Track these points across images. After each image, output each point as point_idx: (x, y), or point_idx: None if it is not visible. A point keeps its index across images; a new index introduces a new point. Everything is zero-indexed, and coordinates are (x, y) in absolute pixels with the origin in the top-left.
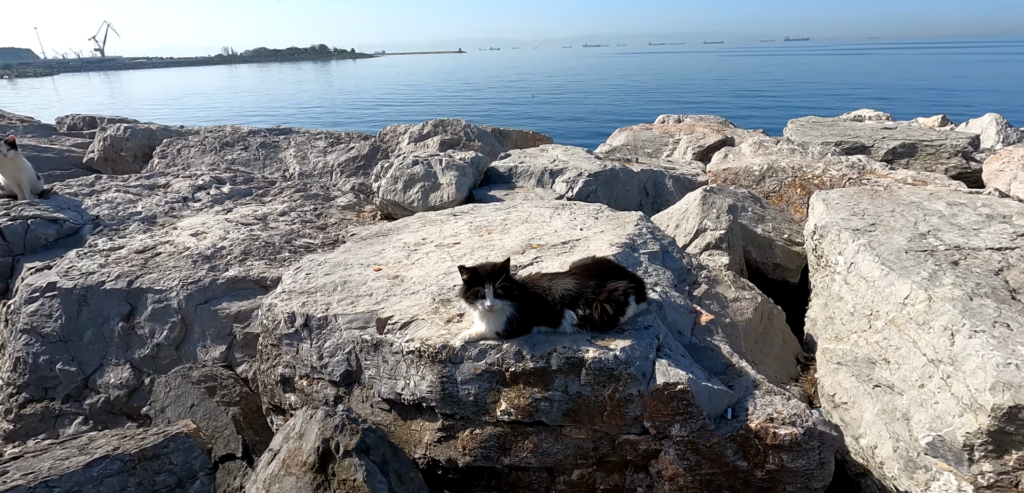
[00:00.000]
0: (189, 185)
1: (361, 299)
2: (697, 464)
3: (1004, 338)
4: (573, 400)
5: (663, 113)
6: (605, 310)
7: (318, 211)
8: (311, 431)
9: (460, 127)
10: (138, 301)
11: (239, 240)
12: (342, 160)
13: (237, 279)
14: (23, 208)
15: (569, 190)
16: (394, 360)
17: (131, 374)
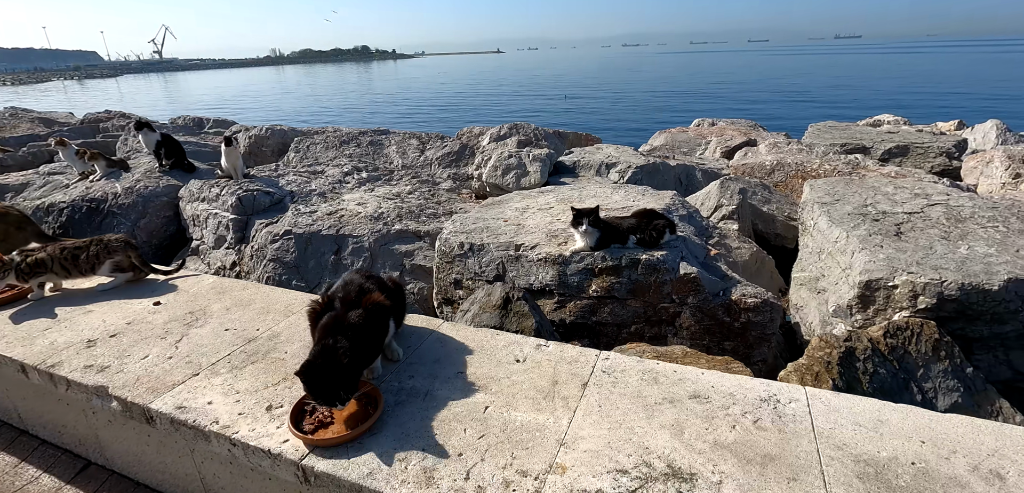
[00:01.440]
0: (339, 172)
1: (500, 235)
2: (701, 319)
3: (876, 253)
4: (633, 283)
5: (698, 117)
6: (652, 235)
7: (431, 192)
8: (497, 291)
9: (530, 130)
10: (342, 242)
11: (390, 208)
12: (439, 155)
13: (402, 231)
14: (246, 185)
15: (621, 178)
16: (528, 265)
17: None
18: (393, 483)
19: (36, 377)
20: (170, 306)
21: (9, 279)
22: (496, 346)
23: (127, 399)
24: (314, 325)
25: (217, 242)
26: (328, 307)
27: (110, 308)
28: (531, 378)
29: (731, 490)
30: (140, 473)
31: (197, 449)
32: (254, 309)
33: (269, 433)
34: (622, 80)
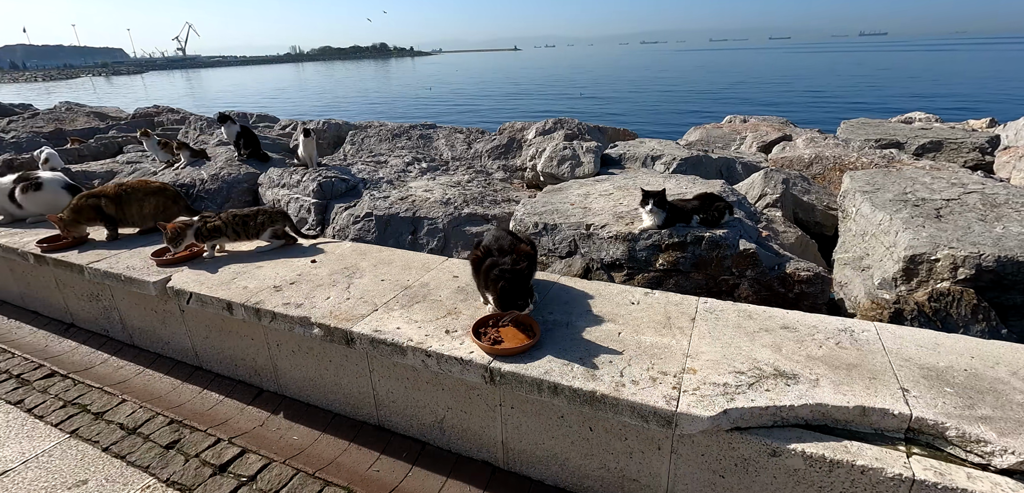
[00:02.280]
0: (402, 163)
1: (570, 217)
2: (759, 290)
3: (918, 232)
4: (697, 258)
5: (725, 114)
6: (714, 215)
7: (487, 181)
8: (577, 263)
9: (574, 124)
10: (418, 224)
11: (456, 195)
12: (488, 148)
13: (471, 214)
14: (324, 172)
15: (666, 170)
16: (599, 241)
17: None
18: (567, 377)
19: (241, 313)
20: (325, 263)
21: (189, 239)
22: (611, 293)
23: (330, 326)
24: (478, 269)
25: (298, 224)
26: (486, 256)
27: (278, 264)
28: (648, 314)
29: (826, 384)
30: (313, 396)
31: (378, 368)
32: (396, 266)
33: (454, 348)
34: (644, 77)
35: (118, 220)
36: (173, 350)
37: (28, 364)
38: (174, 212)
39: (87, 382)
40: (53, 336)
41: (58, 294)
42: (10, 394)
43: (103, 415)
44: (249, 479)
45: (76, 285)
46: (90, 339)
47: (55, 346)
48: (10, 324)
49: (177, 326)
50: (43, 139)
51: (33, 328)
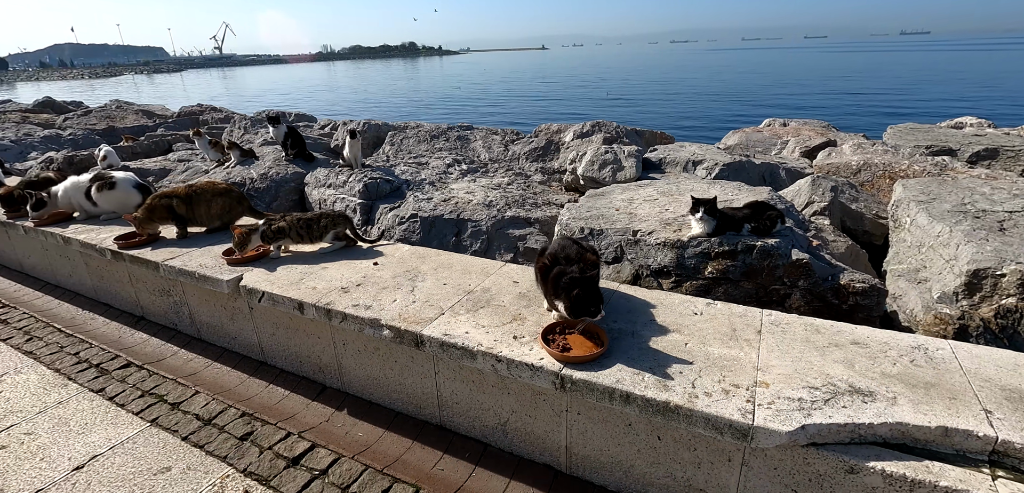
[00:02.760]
0: (443, 164)
1: (616, 222)
2: (811, 301)
3: (982, 246)
4: (747, 267)
5: (761, 116)
6: (766, 224)
7: (527, 184)
8: (626, 269)
9: (612, 127)
10: (462, 226)
11: (497, 197)
12: (526, 150)
13: (514, 217)
14: (368, 173)
15: (708, 175)
16: (646, 248)
17: None
18: (639, 387)
19: (312, 313)
20: (387, 266)
21: (256, 241)
22: (672, 303)
23: (400, 328)
24: (544, 277)
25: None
26: (553, 264)
27: (341, 266)
28: (712, 326)
29: (905, 403)
30: (375, 394)
31: (443, 369)
32: (456, 270)
33: (524, 354)
34: (676, 78)
35: (187, 219)
36: (240, 345)
37: (105, 354)
38: (238, 212)
39: (161, 373)
40: (125, 328)
41: (130, 288)
42: (92, 383)
43: (179, 405)
44: (321, 473)
45: (149, 280)
46: (160, 332)
47: (128, 338)
48: (85, 315)
49: (245, 322)
50: (97, 136)
51: (106, 320)
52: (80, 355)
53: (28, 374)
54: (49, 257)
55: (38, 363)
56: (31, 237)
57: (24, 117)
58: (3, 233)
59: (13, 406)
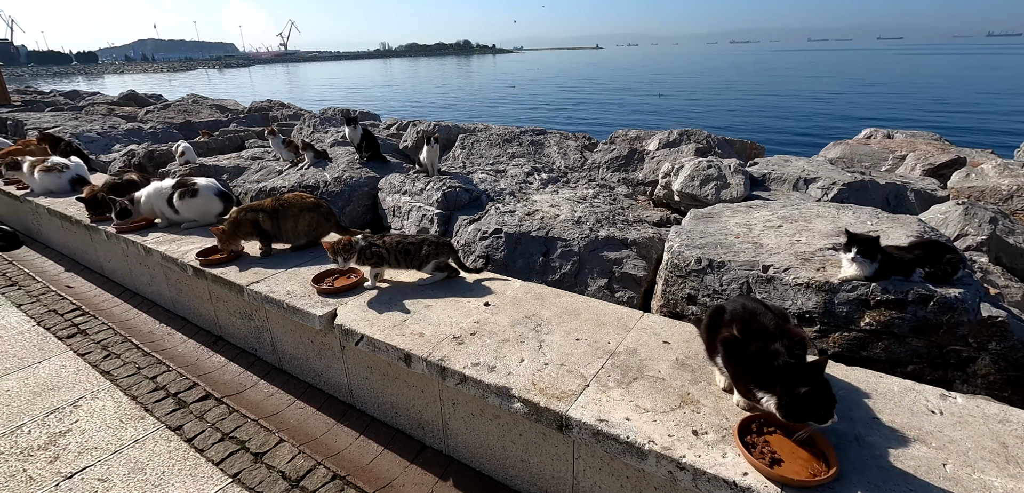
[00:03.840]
0: (521, 172)
1: (739, 253)
2: (1005, 367)
3: None
4: (919, 321)
5: (853, 124)
6: (946, 270)
7: (612, 198)
8: None
9: (703, 136)
10: (551, 245)
11: (586, 213)
12: (607, 159)
13: (609, 238)
14: (447, 182)
15: (825, 195)
16: (782, 288)
17: None
18: None
19: (421, 367)
20: (501, 308)
21: (353, 261)
22: (891, 390)
23: (537, 404)
24: (734, 354)
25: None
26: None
27: (447, 306)
28: (967, 434)
29: None
30: (489, 466)
31: (586, 456)
32: (585, 320)
33: (715, 461)
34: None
35: (273, 235)
36: (326, 383)
37: (183, 381)
38: (326, 229)
39: (242, 410)
40: (203, 349)
41: (209, 306)
42: (169, 417)
43: (263, 457)
44: None
45: (230, 301)
46: (238, 356)
47: (206, 361)
48: (163, 330)
49: (333, 360)
50: (175, 130)
51: (184, 337)
52: (157, 380)
53: (105, 400)
54: (129, 264)
55: (115, 387)
56: (112, 242)
57: (110, 109)
58: (86, 235)
59: (88, 441)
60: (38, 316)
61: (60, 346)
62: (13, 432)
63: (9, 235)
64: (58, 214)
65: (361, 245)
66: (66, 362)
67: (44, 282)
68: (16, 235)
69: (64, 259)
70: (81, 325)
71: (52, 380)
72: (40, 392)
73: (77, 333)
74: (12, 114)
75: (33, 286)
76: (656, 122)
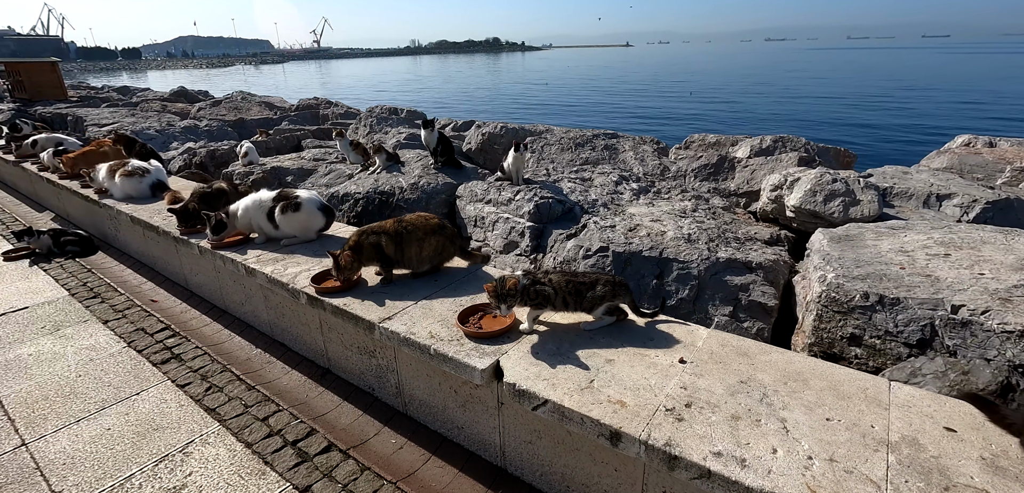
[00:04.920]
0: (610, 181)
1: (914, 289)
2: None
3: None
4: None
5: (926, 129)
6: None
7: (711, 210)
8: (953, 368)
9: (801, 143)
10: (665, 267)
11: (694, 230)
12: (695, 166)
13: (730, 260)
14: (538, 192)
15: (964, 214)
16: (984, 336)
17: None
18: None
19: (635, 450)
20: (701, 367)
21: (515, 302)
22: None
23: None
24: None
25: (507, 247)
26: None
27: (631, 359)
28: None
29: None
30: None
31: None
32: (819, 388)
33: None
34: (781, 80)
35: (395, 261)
36: (468, 439)
37: (298, 426)
38: (450, 253)
39: (373, 467)
40: (310, 383)
41: (318, 336)
42: (293, 474)
43: None
44: None
45: (348, 335)
46: (353, 395)
47: (317, 400)
48: (262, 358)
49: (483, 415)
50: (229, 128)
51: (285, 367)
52: (270, 423)
53: (217, 446)
54: (220, 280)
55: (225, 429)
56: (205, 258)
57: (163, 106)
58: (171, 246)
59: None
60: (127, 335)
61: (156, 374)
62: (123, 484)
63: (85, 240)
64: (143, 223)
65: (522, 283)
66: (166, 395)
67: (127, 294)
68: (92, 240)
69: (144, 268)
70: (174, 348)
71: (154, 418)
72: (144, 433)
73: (171, 358)
74: (72, 110)
75: (116, 299)
76: (702, 125)
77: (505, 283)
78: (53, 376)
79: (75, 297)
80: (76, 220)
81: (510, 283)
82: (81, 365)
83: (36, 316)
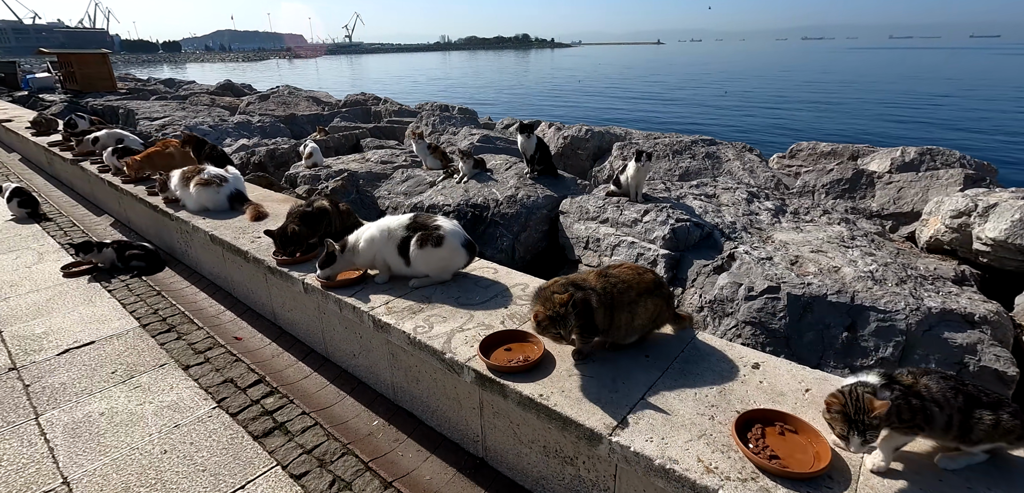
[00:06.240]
0: (739, 199)
1: None
2: None
3: None
4: None
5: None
6: None
7: (869, 237)
8: None
9: (956, 157)
10: (859, 316)
11: (874, 266)
12: (825, 181)
13: (944, 310)
14: (671, 212)
15: None
16: None
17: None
18: None
19: None
20: None
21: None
22: None
23: None
24: None
25: None
26: None
27: None
28: None
29: None
30: None
31: None
32: None
33: None
34: (827, 81)
35: (601, 328)
36: None
37: None
38: (664, 319)
39: None
40: (462, 480)
41: (474, 418)
42: None
43: None
44: None
45: (532, 429)
46: None
47: None
48: (389, 435)
49: None
50: (281, 123)
51: (421, 450)
52: None
53: None
54: (324, 323)
55: None
56: (310, 296)
57: (212, 100)
58: (259, 275)
59: None
60: (214, 389)
61: (259, 453)
62: None
63: (151, 255)
64: (226, 245)
65: (895, 400)
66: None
67: (205, 327)
68: (158, 254)
69: (218, 292)
70: (275, 412)
71: None
72: None
73: (274, 429)
74: (122, 103)
75: (194, 334)
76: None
77: (864, 401)
78: (133, 451)
79: (147, 329)
80: (138, 228)
81: (878, 407)
82: (165, 434)
83: (104, 355)
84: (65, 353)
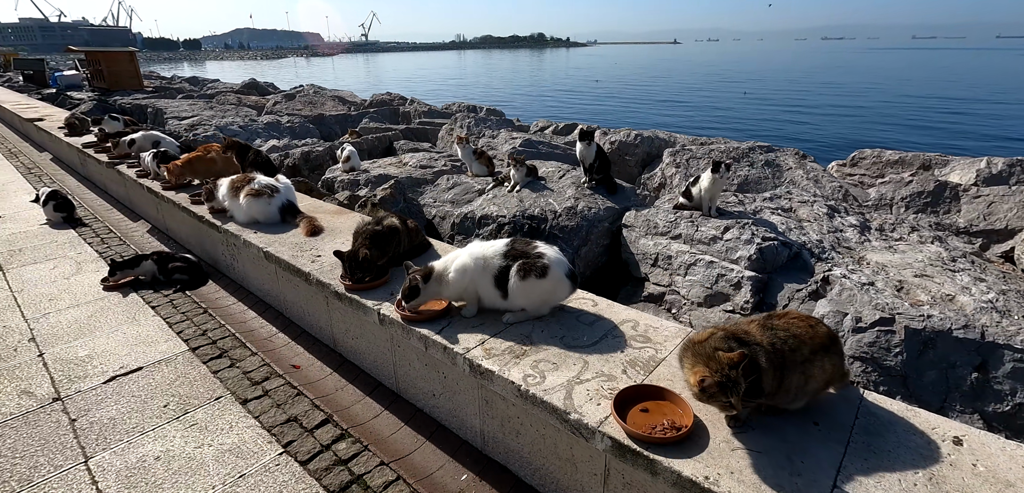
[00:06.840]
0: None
1: None
2: None
3: None
4: None
5: None
6: None
7: (968, 258)
8: None
9: None
10: (991, 355)
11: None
12: (904, 193)
13: None
14: (754, 229)
15: None
16: None
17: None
18: None
19: None
20: None
21: None
22: None
23: None
24: None
25: (709, 300)
26: None
27: None
28: None
29: None
30: None
31: None
32: None
33: None
34: (855, 82)
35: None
36: None
37: None
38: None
39: None
40: None
41: (596, 487)
42: None
43: None
44: None
45: None
46: None
47: None
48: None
49: None
50: (310, 124)
51: None
52: None
53: None
54: (397, 356)
55: None
56: (385, 327)
57: (239, 99)
58: (320, 299)
59: None
60: (277, 430)
61: None
62: None
63: (194, 266)
64: (281, 263)
65: None
66: None
67: (259, 353)
68: (201, 266)
69: (268, 310)
70: (349, 462)
71: None
72: None
73: (352, 483)
74: (150, 101)
75: (247, 360)
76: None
77: None
78: None
79: (197, 354)
80: (177, 237)
81: None
82: (230, 486)
83: (154, 384)
84: (112, 380)
